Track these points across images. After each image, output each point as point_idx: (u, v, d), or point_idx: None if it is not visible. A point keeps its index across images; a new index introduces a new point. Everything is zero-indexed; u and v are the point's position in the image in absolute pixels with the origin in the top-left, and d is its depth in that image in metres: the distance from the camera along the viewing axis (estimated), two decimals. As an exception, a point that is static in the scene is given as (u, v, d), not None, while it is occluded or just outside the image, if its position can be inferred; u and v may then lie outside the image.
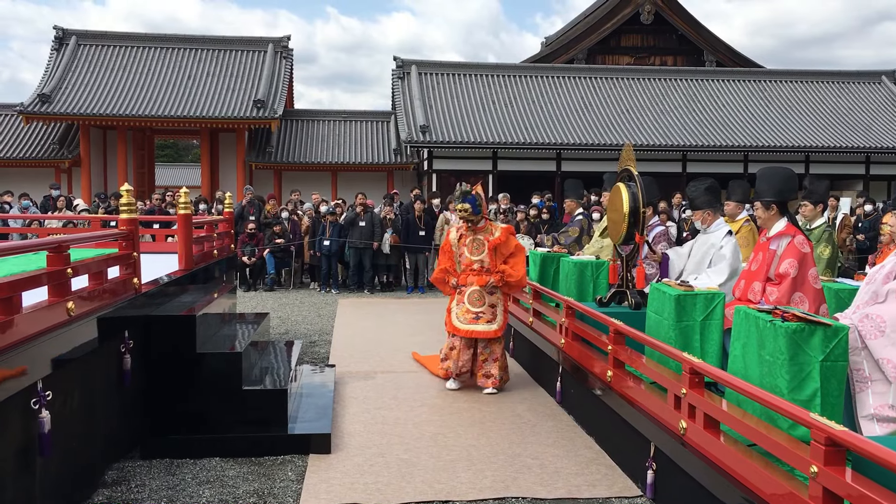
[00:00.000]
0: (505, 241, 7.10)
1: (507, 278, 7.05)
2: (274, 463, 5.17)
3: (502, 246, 7.09)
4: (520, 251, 7.17)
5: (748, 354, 4.15)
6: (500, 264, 7.09)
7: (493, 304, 7.07)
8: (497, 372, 7.03)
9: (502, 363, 7.10)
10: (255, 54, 26.58)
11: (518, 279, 7.09)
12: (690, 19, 32.05)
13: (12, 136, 24.99)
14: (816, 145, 24.83)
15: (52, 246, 4.37)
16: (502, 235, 7.12)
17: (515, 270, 7.07)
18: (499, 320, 7.06)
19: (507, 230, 7.18)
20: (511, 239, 7.15)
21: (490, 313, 7.04)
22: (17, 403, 3.65)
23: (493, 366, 7.04)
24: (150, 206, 16.02)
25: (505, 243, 7.09)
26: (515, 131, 24.50)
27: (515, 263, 7.09)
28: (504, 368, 7.14)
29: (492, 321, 7.02)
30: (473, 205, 7.06)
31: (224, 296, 8.04)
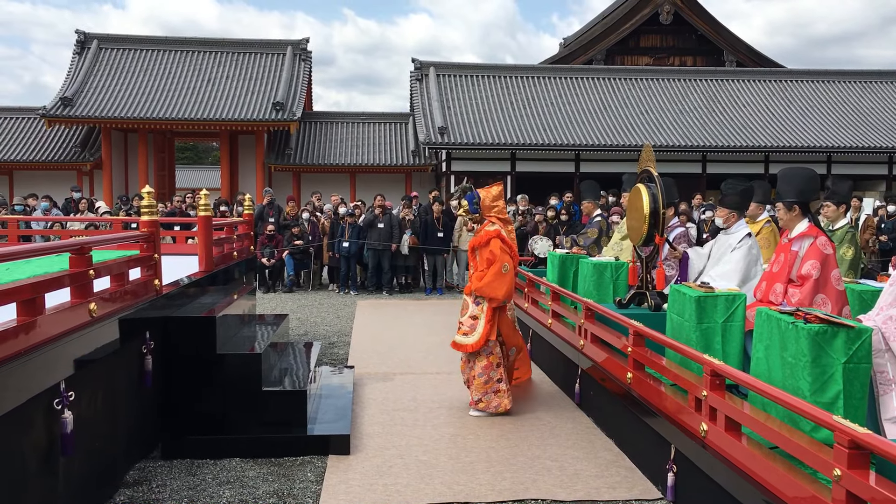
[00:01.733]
0: (485, 243, 6.39)
1: (473, 287, 6.37)
2: (293, 464, 5.19)
3: (481, 249, 6.42)
4: (497, 259, 6.30)
5: (771, 356, 4.11)
6: (481, 270, 6.41)
7: (475, 316, 6.33)
8: (475, 392, 6.32)
9: (482, 384, 6.29)
10: (274, 57, 26.73)
11: (479, 288, 6.27)
12: (710, 19, 31.87)
13: (35, 139, 25.29)
14: (838, 145, 24.60)
15: (75, 248, 4.41)
16: (482, 237, 6.43)
17: (480, 279, 6.31)
18: (476, 334, 6.28)
19: (491, 233, 6.40)
20: (493, 242, 6.34)
21: (469, 324, 6.35)
22: (41, 404, 3.69)
23: (472, 383, 6.36)
24: (170, 208, 16.14)
25: (484, 246, 6.40)
26: (534, 132, 24.46)
27: (487, 272, 6.30)
28: (485, 391, 6.29)
29: (468, 333, 6.32)
30: (470, 202, 6.52)
31: (244, 297, 8.08)
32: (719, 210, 6.33)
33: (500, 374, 6.33)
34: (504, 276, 6.28)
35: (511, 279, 6.38)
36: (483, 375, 6.29)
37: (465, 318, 6.39)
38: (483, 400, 6.30)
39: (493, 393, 6.31)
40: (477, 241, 6.49)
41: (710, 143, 24.42)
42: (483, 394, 6.30)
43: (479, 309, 6.34)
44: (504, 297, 6.30)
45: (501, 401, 6.32)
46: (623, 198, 8.48)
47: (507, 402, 6.34)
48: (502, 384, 6.33)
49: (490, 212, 6.56)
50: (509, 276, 6.33)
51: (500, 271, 6.27)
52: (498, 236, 6.39)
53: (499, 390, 6.32)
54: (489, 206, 6.55)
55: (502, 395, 6.33)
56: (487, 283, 6.25)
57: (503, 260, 6.30)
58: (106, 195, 23.20)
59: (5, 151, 24.71)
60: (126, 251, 6.47)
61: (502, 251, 6.34)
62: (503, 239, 6.41)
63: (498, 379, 6.32)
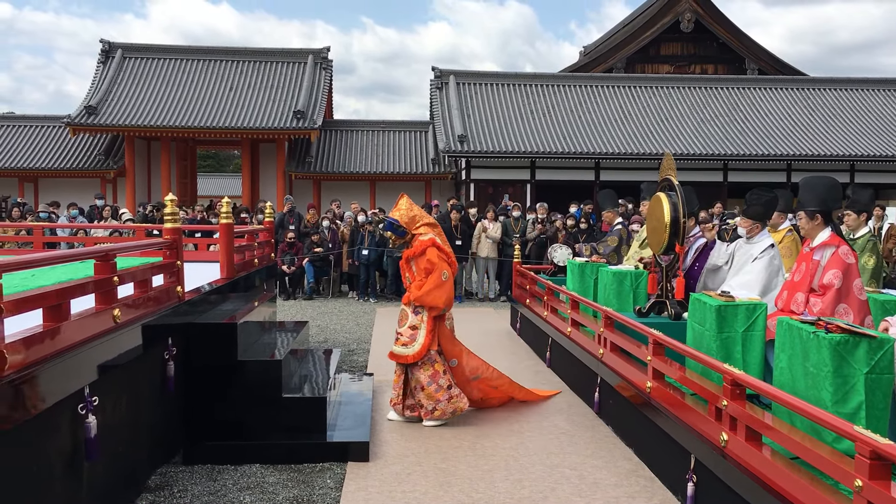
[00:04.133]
0: (420, 252, 6.30)
1: (412, 297, 6.25)
2: (313, 470, 5.22)
3: (417, 258, 6.33)
4: (436, 267, 6.23)
5: (794, 366, 4.09)
6: (419, 279, 6.32)
7: (415, 326, 6.23)
8: (426, 402, 6.19)
9: (432, 393, 6.19)
10: (296, 66, 26.91)
11: (419, 297, 6.17)
12: (731, 27, 31.76)
13: (60, 147, 25.61)
14: (861, 154, 24.38)
15: (100, 255, 4.47)
16: (417, 247, 6.33)
17: (418, 288, 6.22)
18: (417, 344, 6.18)
19: (426, 243, 6.30)
20: (429, 251, 6.26)
21: (408, 335, 6.24)
22: (66, 408, 3.74)
23: (420, 394, 6.22)
24: (192, 215, 16.29)
25: (420, 255, 6.30)
26: (553, 141, 24.45)
27: (426, 281, 6.22)
28: (438, 399, 6.19)
29: (408, 344, 6.21)
30: (392, 229, 6.44)
31: (264, 304, 8.14)
32: (743, 220, 6.31)
33: (448, 380, 6.28)
34: (444, 284, 6.24)
35: (450, 286, 6.35)
36: (432, 384, 6.21)
37: (405, 329, 6.29)
38: (437, 409, 6.22)
39: (447, 400, 6.24)
40: (412, 251, 6.40)
41: (731, 151, 24.29)
42: (436, 402, 6.22)
43: (419, 319, 6.25)
44: (444, 304, 6.25)
45: (457, 405, 6.28)
46: (643, 206, 8.47)
47: (463, 404, 6.32)
48: (453, 389, 6.28)
49: (415, 223, 6.44)
50: (448, 283, 6.31)
51: (440, 280, 6.22)
52: (433, 244, 6.32)
53: (451, 396, 6.26)
54: (411, 220, 6.45)
55: (456, 400, 6.28)
56: (427, 291, 6.18)
57: (441, 268, 6.25)
58: (129, 202, 23.44)
59: (31, 159, 25.05)
60: (149, 258, 6.55)
61: (440, 259, 6.29)
62: (439, 246, 6.35)
63: (448, 385, 6.26)
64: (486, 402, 6.83)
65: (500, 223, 15.05)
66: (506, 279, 14.38)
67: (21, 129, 26.55)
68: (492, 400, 6.86)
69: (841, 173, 23.85)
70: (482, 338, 10.59)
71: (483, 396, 6.76)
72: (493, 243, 14.84)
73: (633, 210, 13.22)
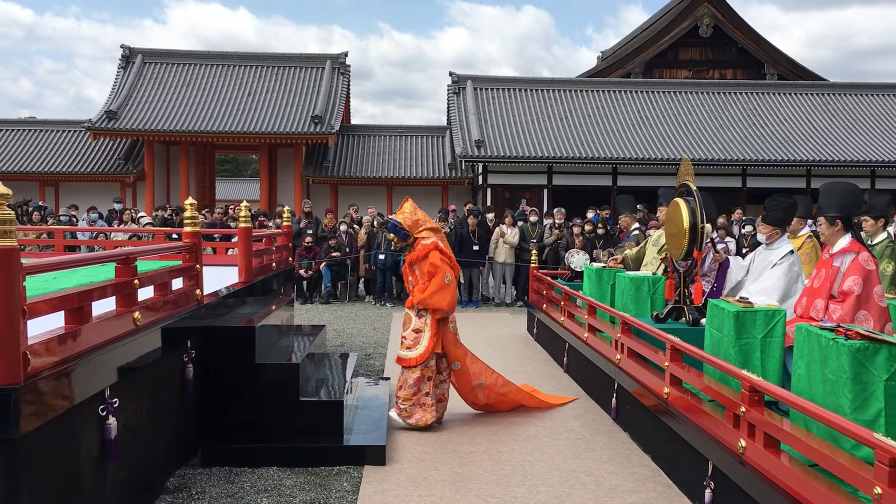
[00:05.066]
0: (423, 256, 6.34)
1: (414, 300, 6.30)
2: (330, 473, 5.24)
3: (420, 262, 6.37)
4: (439, 270, 6.27)
5: (812, 373, 4.07)
6: (422, 283, 6.33)
7: (419, 329, 6.26)
8: (402, 402, 6.24)
9: (410, 395, 6.20)
10: (313, 71, 27.06)
11: (422, 300, 6.20)
12: (750, 32, 31.59)
13: (80, 151, 25.88)
14: (882, 160, 24.18)
15: (121, 258, 4.52)
16: (420, 251, 6.37)
17: (422, 291, 6.25)
18: (421, 347, 6.22)
19: (428, 246, 6.34)
20: (432, 255, 6.30)
21: (412, 338, 6.27)
22: (86, 410, 3.77)
23: (400, 391, 6.27)
24: (211, 219, 16.40)
25: (423, 259, 6.35)
26: (571, 146, 24.41)
27: (429, 284, 6.24)
28: (412, 402, 6.20)
29: (412, 347, 6.25)
30: (395, 231, 6.52)
31: (282, 308, 8.18)
32: (762, 226, 6.27)
33: (428, 388, 6.26)
34: (447, 286, 6.27)
35: (453, 289, 6.38)
36: (413, 386, 6.23)
37: (408, 332, 6.31)
38: (407, 410, 6.23)
39: (419, 406, 6.23)
40: (415, 255, 6.43)
41: (750, 156, 24.16)
42: (409, 404, 6.22)
43: (423, 322, 6.28)
44: (447, 307, 6.28)
45: (424, 415, 6.22)
46: (660, 212, 8.44)
47: (430, 417, 6.25)
48: (429, 398, 6.25)
49: (418, 227, 6.49)
50: (451, 286, 6.34)
51: (443, 282, 6.26)
52: (436, 248, 6.36)
53: (424, 404, 6.23)
54: (414, 223, 6.50)
55: (426, 409, 6.23)
56: (430, 294, 6.21)
57: (444, 271, 6.29)
58: (148, 207, 23.62)
59: (52, 163, 25.33)
60: (168, 262, 6.60)
61: (442, 262, 6.33)
62: (441, 250, 6.39)
63: (426, 392, 6.24)
64: (495, 408, 6.82)
65: (518, 228, 15.05)
66: (523, 284, 14.37)
67: (42, 133, 26.87)
68: (501, 405, 6.85)
69: (861, 179, 23.65)
70: (499, 342, 10.59)
71: (488, 402, 6.76)
72: (510, 248, 14.84)
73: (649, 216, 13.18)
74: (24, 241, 10.47)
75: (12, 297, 3.15)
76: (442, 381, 6.47)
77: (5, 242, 3.14)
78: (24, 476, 3.21)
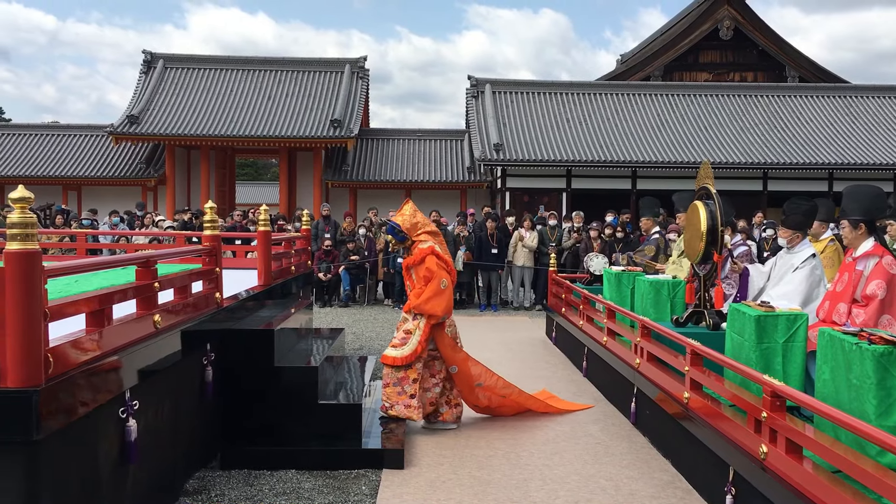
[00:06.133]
0: (420, 261, 6.35)
1: (411, 304, 6.30)
2: (348, 477, 5.24)
3: (417, 267, 6.37)
4: (435, 275, 6.26)
5: (837, 378, 4.02)
6: (418, 287, 6.36)
7: (409, 330, 6.26)
8: (386, 400, 6.23)
9: (394, 393, 6.19)
10: (333, 75, 27.15)
11: (418, 305, 6.20)
12: (771, 34, 31.34)
13: (102, 155, 26.12)
14: (906, 162, 23.88)
15: (141, 261, 4.55)
16: (417, 255, 6.37)
17: (417, 296, 6.27)
18: (408, 347, 6.20)
19: (425, 251, 6.33)
20: (428, 259, 6.30)
21: (400, 338, 6.28)
22: (107, 412, 3.80)
23: (385, 389, 6.27)
24: (236, 219, 16.50)
25: (420, 264, 6.35)
26: (590, 149, 24.33)
27: (425, 289, 6.26)
28: (396, 401, 6.18)
29: (398, 346, 6.25)
30: (393, 233, 6.50)
31: (301, 311, 8.21)
32: (782, 230, 6.22)
33: (413, 390, 6.21)
34: (443, 292, 6.25)
35: (449, 294, 6.34)
36: (398, 386, 6.21)
37: (399, 332, 6.34)
38: (393, 408, 6.21)
39: (404, 406, 6.20)
40: (412, 259, 6.43)
41: (771, 160, 23.96)
42: (394, 403, 6.21)
43: (416, 324, 6.27)
44: (443, 313, 6.25)
45: (410, 414, 6.20)
46: (679, 218, 8.40)
47: (414, 416, 6.22)
48: (414, 400, 6.20)
49: (416, 230, 6.47)
50: (448, 291, 6.31)
51: (439, 288, 6.23)
52: (432, 253, 6.34)
53: (409, 405, 6.19)
54: (413, 226, 6.47)
55: (411, 410, 6.19)
56: (426, 299, 6.20)
57: (440, 276, 6.26)
58: (169, 210, 23.80)
59: (74, 167, 25.58)
60: (188, 265, 6.64)
61: (439, 267, 6.30)
62: (438, 255, 6.36)
63: (411, 394, 6.20)
64: (497, 412, 6.75)
65: (537, 232, 15.02)
66: (541, 288, 14.34)
67: (65, 138, 27.14)
68: (503, 409, 6.76)
69: (884, 182, 23.38)
70: (518, 346, 10.57)
71: (490, 405, 6.68)
72: (529, 252, 14.81)
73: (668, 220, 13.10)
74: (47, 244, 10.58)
75: (34, 300, 3.17)
76: (435, 385, 6.40)
77: (28, 246, 3.17)
78: (46, 478, 3.24)
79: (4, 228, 3.64)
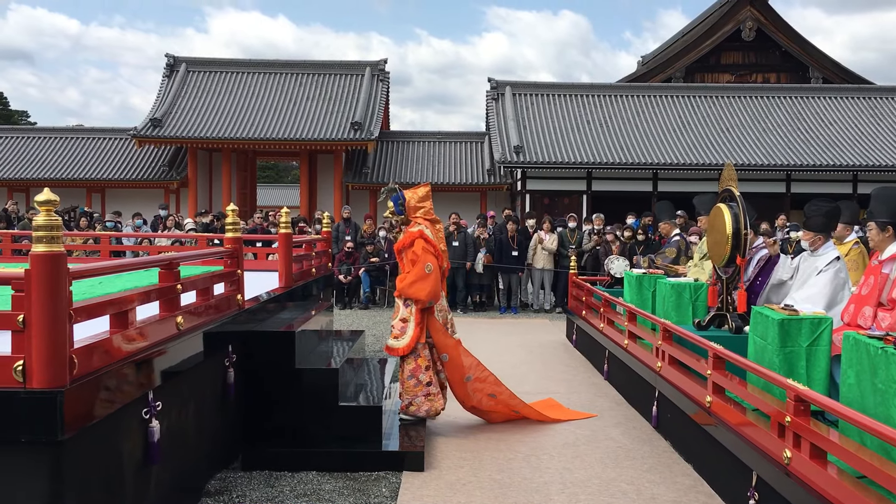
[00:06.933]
0: (409, 244, 6.28)
1: (398, 288, 6.28)
2: (368, 478, 5.24)
3: (406, 250, 6.32)
4: (420, 259, 6.18)
5: (862, 383, 3.97)
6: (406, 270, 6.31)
7: (405, 319, 6.22)
8: (404, 396, 6.20)
9: (411, 387, 6.17)
10: (353, 77, 27.24)
11: (402, 289, 6.19)
12: (795, 35, 31.06)
13: (126, 158, 26.37)
14: (932, 164, 23.57)
15: (165, 263, 4.59)
16: (406, 238, 6.32)
17: (403, 281, 6.24)
18: (406, 337, 6.16)
19: (414, 234, 6.27)
20: (416, 243, 6.22)
21: (399, 327, 6.23)
22: (130, 413, 3.83)
23: (401, 386, 6.24)
24: (251, 225, 16.59)
25: (409, 247, 6.29)
26: (610, 151, 24.23)
27: (410, 273, 6.22)
28: (415, 394, 6.17)
29: (398, 336, 6.21)
30: (395, 203, 6.41)
31: (321, 313, 8.23)
32: (805, 233, 6.16)
33: (429, 377, 6.19)
34: (427, 276, 6.15)
35: (435, 279, 6.23)
36: (412, 378, 6.17)
37: (396, 321, 6.28)
38: (413, 403, 6.17)
39: (424, 396, 6.16)
40: (401, 243, 6.39)
41: (794, 161, 23.73)
42: (413, 397, 6.17)
43: (409, 311, 6.21)
44: (427, 297, 6.15)
45: (432, 404, 6.18)
46: (700, 220, 8.34)
47: (439, 405, 6.22)
48: (432, 387, 6.19)
49: (416, 213, 6.42)
50: (433, 276, 6.21)
51: (423, 272, 6.15)
52: (421, 236, 6.26)
53: (429, 393, 6.17)
54: (415, 207, 6.42)
55: (433, 399, 6.18)
56: (409, 283, 6.16)
57: (426, 260, 6.18)
58: (191, 213, 23.97)
59: (98, 170, 25.84)
60: (210, 267, 6.68)
61: (425, 251, 6.21)
62: (426, 238, 6.27)
63: (427, 382, 6.18)
64: (487, 416, 6.64)
65: (557, 234, 14.99)
66: (561, 290, 14.30)
67: (89, 141, 27.42)
68: (493, 414, 6.63)
69: (910, 184, 23.07)
70: (539, 349, 10.54)
71: (479, 406, 6.55)
72: (549, 254, 14.78)
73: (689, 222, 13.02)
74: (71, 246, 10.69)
75: (60, 301, 3.21)
76: (440, 371, 6.37)
77: (53, 248, 3.20)
78: (70, 478, 3.27)
79: (30, 231, 3.68)
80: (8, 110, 56.34)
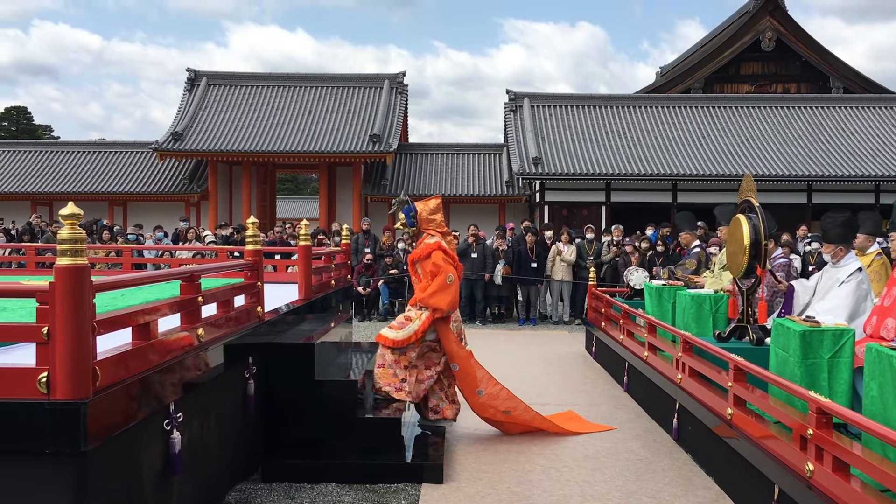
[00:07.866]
0: (426, 256, 6.34)
1: (417, 298, 6.35)
2: (387, 491, 5.24)
3: (423, 262, 6.37)
4: (442, 270, 6.24)
5: (885, 395, 3.93)
6: (425, 282, 6.36)
7: (410, 318, 6.32)
8: (380, 381, 6.30)
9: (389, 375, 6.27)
10: (372, 90, 27.42)
11: (423, 299, 6.24)
12: (814, 45, 30.90)
13: (147, 172, 26.65)
14: (956, 174, 23.32)
15: (186, 275, 4.63)
16: (423, 250, 6.38)
17: (423, 290, 6.29)
18: (403, 332, 6.23)
19: (431, 246, 6.34)
20: (435, 254, 6.28)
21: (399, 322, 6.35)
22: (152, 424, 3.86)
23: (378, 369, 6.34)
24: (271, 237, 16.68)
25: (426, 259, 6.34)
26: (629, 162, 24.18)
27: (432, 283, 6.26)
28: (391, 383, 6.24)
29: (395, 328, 6.31)
30: (407, 215, 6.48)
31: (340, 325, 8.25)
32: (825, 246, 6.11)
33: (405, 375, 6.26)
34: (448, 287, 6.24)
35: (455, 290, 6.33)
36: (390, 368, 6.28)
37: (400, 317, 6.42)
38: (384, 388, 6.27)
39: (393, 389, 6.25)
40: (417, 254, 6.44)
41: (815, 172, 23.57)
42: (388, 385, 6.26)
43: (418, 314, 6.29)
44: (448, 307, 6.24)
45: (399, 396, 6.24)
46: (720, 231, 8.31)
47: (406, 400, 6.27)
48: (405, 384, 6.25)
49: (428, 225, 6.50)
50: (454, 286, 6.30)
51: (445, 282, 6.23)
52: (439, 248, 6.33)
53: (399, 388, 6.24)
54: (427, 220, 6.50)
55: (401, 394, 6.24)
56: (431, 293, 6.21)
57: (447, 271, 6.25)
58: (211, 225, 24.16)
59: (120, 184, 26.14)
60: (230, 279, 6.73)
61: (445, 262, 6.29)
62: (445, 250, 6.35)
63: (402, 378, 6.25)
64: (503, 427, 6.62)
65: (575, 246, 14.96)
66: (580, 302, 14.25)
67: (111, 154, 27.78)
68: (510, 426, 6.60)
69: (934, 194, 22.85)
70: (558, 361, 10.51)
71: (491, 417, 6.53)
72: (567, 266, 14.75)
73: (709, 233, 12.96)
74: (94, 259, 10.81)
75: (83, 314, 3.25)
76: (430, 377, 6.35)
77: (77, 261, 3.24)
78: (93, 489, 3.29)
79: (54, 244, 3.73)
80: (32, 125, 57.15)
